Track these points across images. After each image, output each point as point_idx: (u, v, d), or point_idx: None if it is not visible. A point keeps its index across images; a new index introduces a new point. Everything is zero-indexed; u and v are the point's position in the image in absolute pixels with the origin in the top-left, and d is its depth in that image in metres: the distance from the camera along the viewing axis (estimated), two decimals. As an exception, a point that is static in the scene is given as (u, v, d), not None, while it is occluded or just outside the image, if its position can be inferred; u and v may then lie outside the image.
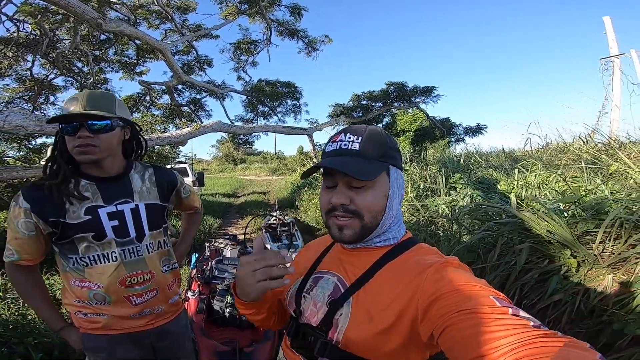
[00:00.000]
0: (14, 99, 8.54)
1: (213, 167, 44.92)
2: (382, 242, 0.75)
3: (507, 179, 4.71)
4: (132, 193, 1.25)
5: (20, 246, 1.15)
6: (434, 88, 10.04)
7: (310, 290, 0.79)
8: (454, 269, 0.64)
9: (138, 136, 1.33)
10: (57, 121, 1.12)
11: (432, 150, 10.27)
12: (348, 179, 0.69)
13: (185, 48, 10.07)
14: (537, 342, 0.45)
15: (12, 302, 2.55)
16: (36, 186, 1.14)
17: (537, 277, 2.12)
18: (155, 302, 1.29)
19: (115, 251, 1.19)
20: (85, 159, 1.13)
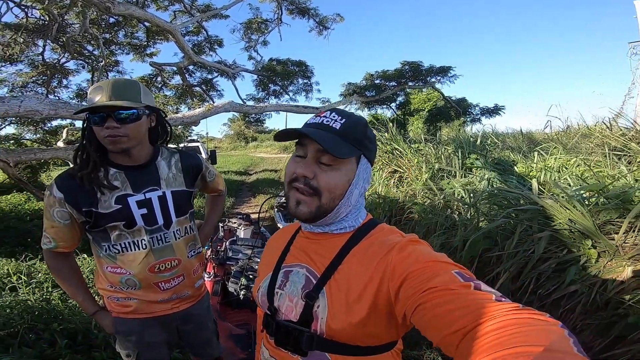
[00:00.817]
0: (28, 84, 8.57)
1: (225, 145, 45.18)
2: (338, 230, 0.76)
3: (525, 161, 4.61)
4: (159, 180, 1.26)
5: (56, 234, 1.18)
6: (451, 68, 9.74)
7: (284, 286, 0.78)
8: (416, 247, 0.66)
9: (163, 122, 1.33)
10: (84, 112, 1.13)
11: (447, 130, 10.07)
12: (319, 154, 0.70)
13: (195, 29, 9.88)
14: (500, 314, 0.46)
15: (36, 287, 2.61)
16: (69, 176, 1.15)
17: (554, 267, 2.09)
18: (182, 287, 1.33)
19: (145, 238, 1.22)
20: (116, 148, 1.14)
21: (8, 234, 4.40)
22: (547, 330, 0.42)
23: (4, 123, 7.86)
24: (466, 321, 0.47)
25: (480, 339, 0.44)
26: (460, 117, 10.71)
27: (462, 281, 0.54)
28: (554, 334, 0.41)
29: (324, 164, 0.70)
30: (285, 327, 0.74)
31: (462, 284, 0.53)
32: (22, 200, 6.37)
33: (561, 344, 0.39)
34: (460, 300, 0.51)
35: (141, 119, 1.17)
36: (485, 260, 2.55)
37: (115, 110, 1.10)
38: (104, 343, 2.12)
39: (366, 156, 0.75)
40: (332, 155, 0.67)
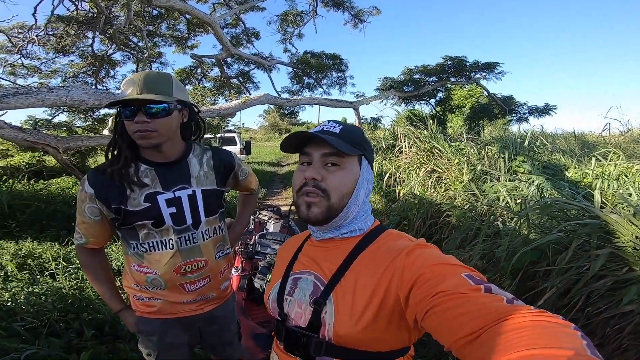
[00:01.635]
0: (79, 74, 9.13)
1: (259, 136, 46.20)
2: (349, 233, 0.77)
3: (578, 167, 4.23)
4: (189, 178, 1.21)
5: (87, 230, 1.17)
6: (498, 64, 9.16)
7: (293, 293, 0.79)
8: (424, 250, 0.66)
9: (197, 117, 1.28)
10: (116, 105, 1.09)
11: (490, 128, 9.54)
12: (324, 158, 0.74)
13: (233, 21, 10.00)
14: (511, 316, 0.45)
15: (72, 274, 2.71)
16: (100, 171, 1.13)
17: (610, 285, 1.94)
18: (207, 289, 1.29)
19: (173, 238, 1.18)
20: (146, 143, 1.10)
21: (55, 217, 4.66)
22: (561, 332, 0.41)
23: (57, 111, 8.41)
24: (477, 324, 0.47)
25: (492, 341, 0.44)
26: (505, 116, 10.10)
27: (472, 284, 0.53)
28: (567, 335, 0.41)
29: (330, 166, 0.74)
30: (294, 333, 0.74)
31: (472, 287, 0.53)
32: (70, 184, 6.76)
33: (574, 345, 0.39)
34: (471, 304, 0.50)
35: (172, 114, 1.12)
36: (529, 274, 2.37)
37: (146, 104, 1.06)
38: (129, 335, 2.14)
39: (366, 158, 0.79)
40: (337, 151, 0.71)
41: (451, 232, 3.73)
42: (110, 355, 1.97)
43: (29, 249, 3.22)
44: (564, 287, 2.02)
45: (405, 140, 6.33)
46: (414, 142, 6.13)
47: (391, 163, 6.38)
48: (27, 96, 2.97)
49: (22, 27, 8.11)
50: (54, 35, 7.98)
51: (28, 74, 9.00)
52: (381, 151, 7.30)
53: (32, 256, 3.09)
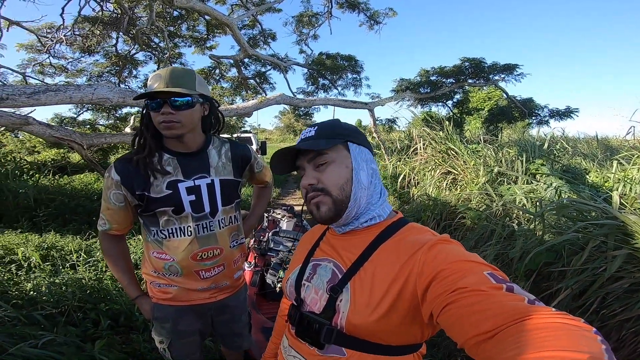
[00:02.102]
0: (103, 74, 9.45)
1: (275, 137, 46.57)
2: (368, 221, 0.77)
3: (599, 171, 4.12)
4: (209, 168, 1.27)
5: (111, 216, 1.23)
6: (517, 66, 8.90)
7: (311, 278, 0.80)
8: (446, 246, 0.64)
9: (216, 112, 1.34)
10: (143, 97, 1.16)
11: (509, 131, 9.33)
12: (312, 162, 0.77)
13: (250, 22, 10.11)
14: (531, 317, 0.45)
15: (92, 266, 2.78)
16: (126, 160, 1.19)
17: (627, 287, 1.90)
18: (221, 277, 1.33)
19: (191, 225, 1.23)
20: (170, 133, 1.16)
21: (77, 212, 4.83)
22: (582, 336, 0.41)
23: (82, 109, 8.72)
24: (495, 323, 0.46)
25: (510, 340, 0.43)
26: (525, 119, 9.84)
27: (494, 282, 0.52)
28: (588, 339, 0.40)
29: (320, 166, 0.76)
30: (307, 318, 0.75)
31: (493, 286, 0.52)
32: (93, 180, 7.00)
33: (594, 349, 0.38)
34: (490, 302, 0.49)
35: (194, 107, 1.18)
36: (544, 274, 2.34)
37: (171, 97, 1.12)
38: (143, 326, 2.21)
39: (352, 140, 0.79)
40: (313, 150, 0.75)
41: (465, 234, 3.69)
42: (124, 346, 2.03)
43: (52, 241, 3.36)
44: (578, 288, 1.98)
45: (420, 142, 6.29)
46: (430, 143, 6.08)
47: (406, 164, 6.34)
48: (56, 93, 3.10)
49: (50, 27, 8.43)
50: (80, 35, 8.28)
51: (56, 73, 9.35)
52: (396, 152, 7.26)
53: (55, 248, 3.21)
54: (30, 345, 1.67)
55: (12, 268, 2.51)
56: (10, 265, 2.58)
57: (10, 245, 3.00)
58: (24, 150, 9.24)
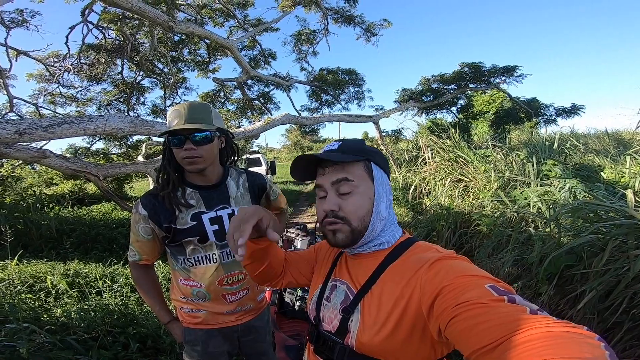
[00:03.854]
0: (112, 102, 9.67)
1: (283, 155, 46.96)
2: (377, 246, 0.79)
3: (614, 167, 4.06)
4: (229, 199, 1.34)
5: (140, 247, 1.30)
6: (517, 67, 8.94)
7: (330, 298, 0.83)
8: (447, 262, 0.66)
9: (232, 143, 1.41)
10: (165, 134, 1.23)
11: (517, 133, 9.26)
12: (335, 186, 0.76)
13: (250, 43, 10.32)
14: (534, 326, 0.45)
15: (117, 292, 2.87)
16: (152, 195, 1.27)
17: None
18: (246, 300, 1.39)
19: (216, 253, 1.30)
20: (193, 168, 1.23)
21: (98, 240, 4.96)
22: (584, 342, 0.41)
23: (94, 139, 8.96)
24: (497, 334, 0.47)
25: (511, 351, 0.44)
26: (531, 119, 9.77)
27: (495, 295, 0.53)
28: (590, 346, 0.40)
29: (344, 194, 0.76)
30: (323, 336, 0.79)
31: (494, 298, 0.53)
32: (110, 209, 7.17)
33: (596, 355, 0.39)
34: (491, 314, 0.50)
35: (213, 141, 1.25)
36: (566, 277, 2.32)
37: (191, 133, 1.19)
38: (170, 348, 2.26)
39: (375, 162, 0.80)
40: (347, 178, 0.75)
41: (482, 241, 3.66)
42: (152, 368, 2.07)
43: (76, 269, 3.45)
44: (604, 289, 1.95)
45: (428, 151, 6.29)
46: (438, 152, 6.08)
47: (415, 175, 6.33)
48: (71, 125, 3.22)
49: (57, 56, 8.71)
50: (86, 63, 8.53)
51: (66, 103, 9.59)
52: (405, 163, 7.26)
53: (80, 275, 3.30)
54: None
55: (42, 295, 2.59)
56: (40, 292, 2.66)
57: (37, 274, 3.10)
58: (42, 182, 9.51)
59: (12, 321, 1.98)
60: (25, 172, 9.38)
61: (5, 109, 7.99)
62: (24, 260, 3.69)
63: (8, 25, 7.54)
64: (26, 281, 2.90)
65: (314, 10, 9.02)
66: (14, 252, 3.37)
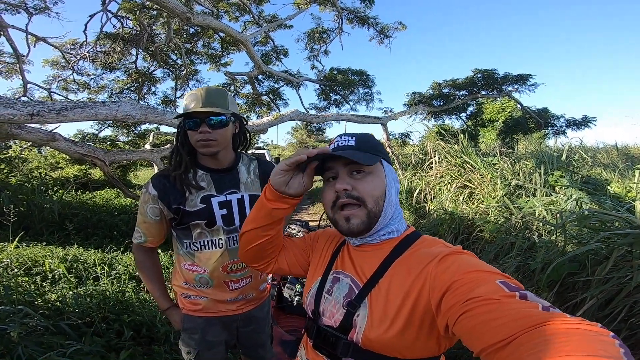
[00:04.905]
0: (123, 90, 9.77)
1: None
2: (387, 235, 0.77)
3: (621, 181, 4.02)
4: (239, 184, 1.34)
5: (147, 229, 1.29)
6: (530, 76, 8.83)
7: (331, 292, 0.80)
8: (457, 257, 0.64)
9: (245, 130, 1.41)
10: (180, 117, 1.23)
11: (525, 143, 9.20)
12: (348, 167, 0.75)
13: (263, 39, 10.37)
14: (547, 323, 0.44)
15: (115, 279, 2.84)
16: (163, 176, 1.26)
17: None
18: (248, 288, 1.38)
19: (222, 238, 1.29)
20: (207, 151, 1.23)
21: (99, 226, 4.98)
22: (598, 340, 0.40)
23: (103, 126, 9.03)
24: (509, 331, 0.46)
25: (526, 347, 0.43)
26: (541, 130, 9.69)
27: (507, 291, 0.52)
28: (604, 343, 0.40)
29: (357, 173, 0.75)
30: (324, 332, 0.76)
31: (506, 294, 0.52)
32: (113, 196, 7.21)
33: (612, 353, 0.38)
34: (504, 310, 0.49)
35: (228, 125, 1.25)
36: (567, 285, 2.30)
37: (207, 117, 1.19)
38: (164, 337, 2.24)
39: (385, 159, 0.80)
40: (362, 165, 0.73)
41: (484, 247, 3.64)
42: (146, 357, 2.06)
43: (75, 254, 3.45)
44: (604, 297, 1.94)
45: (435, 156, 6.26)
46: (445, 157, 6.05)
47: (421, 179, 6.31)
48: (83, 110, 3.24)
49: (74, 43, 8.81)
50: (102, 51, 8.64)
51: (79, 89, 9.72)
52: (410, 167, 7.24)
53: (78, 261, 3.29)
54: (58, 354, 1.71)
55: (38, 279, 2.59)
56: (36, 276, 2.66)
57: (36, 257, 3.10)
58: (48, 166, 9.60)
59: (6, 304, 1.96)
60: (32, 155, 9.48)
61: (19, 93, 8.07)
62: (24, 243, 3.70)
63: (30, 11, 7.62)
64: (24, 264, 2.90)
65: (329, 9, 9.01)
66: (15, 234, 3.38)
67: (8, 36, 7.09)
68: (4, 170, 6.63)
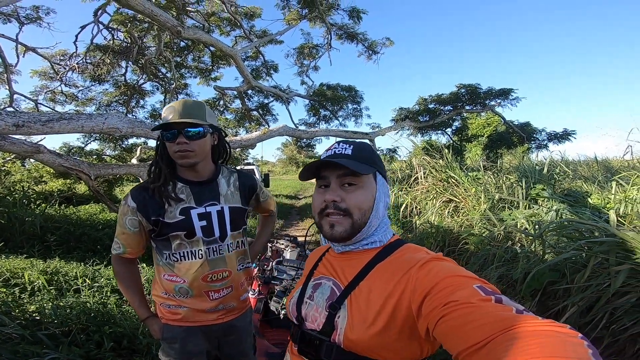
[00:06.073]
0: (112, 103, 9.71)
1: (278, 169, 47.04)
2: (370, 244, 0.79)
3: (601, 193, 4.14)
4: (219, 196, 1.35)
5: (126, 240, 1.29)
6: (512, 90, 9.10)
7: (312, 297, 0.82)
8: (438, 263, 0.67)
9: (224, 142, 1.43)
10: (159, 129, 1.25)
11: (509, 157, 9.40)
12: (340, 179, 0.77)
13: (254, 54, 10.50)
14: (519, 325, 0.46)
15: (97, 291, 2.80)
16: (142, 188, 1.27)
17: (634, 301, 1.91)
18: (229, 298, 1.37)
19: (202, 249, 1.29)
20: (185, 162, 1.25)
21: (82, 240, 4.87)
22: (568, 342, 0.42)
23: (89, 139, 8.92)
24: (483, 334, 0.48)
25: (497, 350, 0.44)
26: (524, 144, 9.92)
27: (483, 295, 0.54)
28: (573, 345, 0.42)
29: (348, 185, 0.77)
30: (308, 335, 0.77)
31: (482, 298, 0.54)
32: (98, 210, 7.06)
33: (580, 355, 0.40)
34: (479, 313, 0.51)
35: (206, 136, 1.27)
36: (549, 293, 2.35)
37: (185, 128, 1.21)
38: (146, 349, 2.21)
39: (380, 173, 0.82)
40: (355, 172, 0.75)
41: (469, 259, 3.68)
42: (126, 368, 2.01)
43: (56, 267, 3.37)
44: (585, 304, 1.98)
45: (421, 171, 6.35)
46: (430, 172, 6.14)
47: (407, 194, 6.37)
48: (69, 122, 3.22)
49: (63, 54, 8.75)
50: (91, 63, 8.59)
51: (66, 101, 9.61)
52: (397, 182, 7.32)
53: (60, 273, 3.21)
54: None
55: (16, 291, 2.52)
56: (14, 288, 2.59)
57: (15, 270, 3.02)
58: (31, 180, 9.38)
59: (-20, 313, 1.91)
60: (15, 168, 9.27)
61: (5, 103, 7.96)
62: (2, 256, 3.60)
63: (22, 21, 7.60)
64: (2, 275, 2.83)
65: (318, 25, 9.20)
66: (-7, 246, 3.30)
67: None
68: (-15, 183, 6.45)
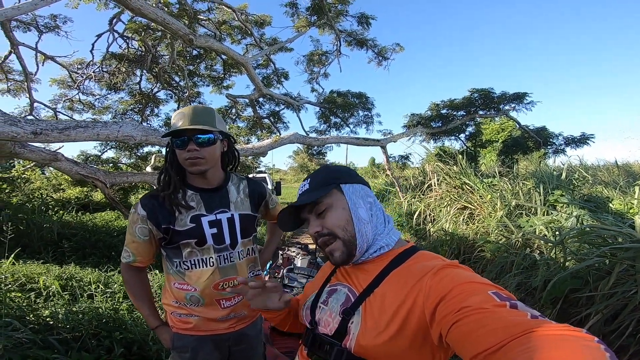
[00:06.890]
0: (127, 111, 9.87)
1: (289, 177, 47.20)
2: (378, 251, 0.80)
3: (623, 198, 3.99)
4: (229, 204, 1.34)
5: (136, 249, 1.28)
6: (527, 94, 8.75)
7: (327, 302, 0.83)
8: (452, 270, 0.66)
9: (233, 148, 1.42)
10: (169, 136, 1.24)
11: (525, 163, 9.19)
12: (313, 212, 0.82)
13: (264, 62, 10.51)
14: (535, 330, 0.45)
15: (109, 297, 2.81)
16: (152, 196, 1.27)
17: None
18: (240, 306, 1.35)
19: (213, 257, 1.28)
20: (195, 170, 1.24)
21: (97, 246, 4.95)
22: (584, 346, 0.41)
23: (106, 147, 9.12)
24: (498, 338, 0.47)
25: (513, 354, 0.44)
26: (540, 149, 9.64)
27: (498, 301, 0.54)
28: (589, 348, 0.41)
29: (320, 214, 0.81)
30: (320, 339, 0.78)
31: (497, 304, 0.53)
32: (113, 217, 7.20)
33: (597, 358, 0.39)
34: (494, 319, 0.50)
35: (216, 143, 1.26)
36: (571, 301, 2.26)
37: (195, 134, 1.20)
38: (156, 355, 2.19)
39: (344, 182, 0.84)
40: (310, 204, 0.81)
41: (485, 267, 3.58)
42: (136, 374, 1.99)
43: (71, 272, 3.42)
44: (609, 312, 1.89)
45: (434, 177, 6.27)
46: (444, 179, 6.05)
47: (421, 201, 6.28)
48: (85, 129, 3.28)
49: (81, 62, 8.95)
50: (107, 72, 8.78)
51: (84, 109, 9.79)
52: (410, 189, 7.24)
53: (74, 278, 3.25)
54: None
55: (32, 296, 2.56)
56: (30, 292, 2.63)
57: (31, 275, 3.07)
58: (50, 187, 9.62)
59: (-5, 317, 1.93)
60: (35, 175, 9.53)
61: (25, 111, 8.20)
62: (20, 261, 3.67)
63: (41, 30, 7.81)
64: (18, 280, 2.87)
65: (327, 32, 9.22)
66: (12, 251, 3.36)
67: (18, 54, 7.20)
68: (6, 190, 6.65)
